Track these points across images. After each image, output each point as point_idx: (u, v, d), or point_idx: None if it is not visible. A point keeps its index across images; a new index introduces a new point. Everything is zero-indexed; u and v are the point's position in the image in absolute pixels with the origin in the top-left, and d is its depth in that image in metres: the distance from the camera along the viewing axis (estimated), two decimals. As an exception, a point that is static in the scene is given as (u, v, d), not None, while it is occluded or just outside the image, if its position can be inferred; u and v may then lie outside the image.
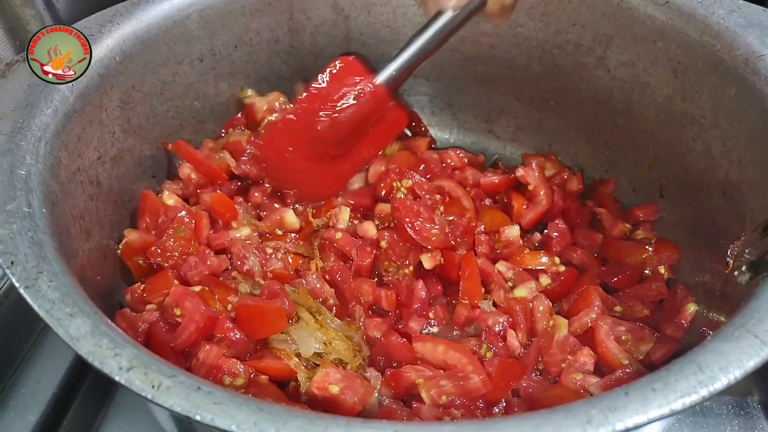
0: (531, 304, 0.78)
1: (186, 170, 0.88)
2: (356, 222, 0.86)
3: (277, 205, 0.89)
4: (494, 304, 0.81)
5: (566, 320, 0.76)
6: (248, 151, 0.90)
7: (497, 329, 0.76)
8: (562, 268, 0.85)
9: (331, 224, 0.86)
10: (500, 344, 0.75)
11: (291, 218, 0.86)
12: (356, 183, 0.94)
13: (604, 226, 0.91)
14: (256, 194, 0.90)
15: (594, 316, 0.75)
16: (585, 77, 0.93)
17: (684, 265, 0.82)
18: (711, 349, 0.46)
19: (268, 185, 0.91)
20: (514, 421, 0.42)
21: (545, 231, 0.90)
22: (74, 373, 0.82)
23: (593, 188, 0.98)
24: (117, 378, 0.45)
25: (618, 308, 0.79)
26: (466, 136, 1.09)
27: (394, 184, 0.88)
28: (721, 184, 0.75)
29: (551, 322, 0.76)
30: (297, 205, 0.90)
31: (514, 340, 0.75)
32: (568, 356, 0.73)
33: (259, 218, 0.88)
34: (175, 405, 0.43)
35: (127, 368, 0.45)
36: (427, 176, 0.92)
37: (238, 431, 0.41)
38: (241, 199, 0.89)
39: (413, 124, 1.07)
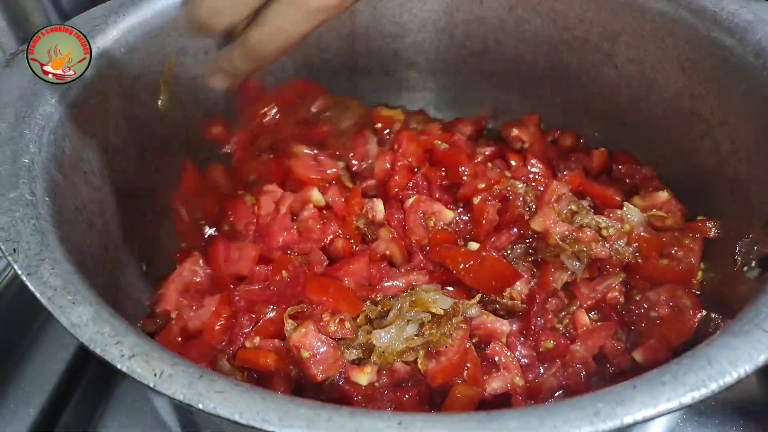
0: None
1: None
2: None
3: None
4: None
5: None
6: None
7: None
8: None
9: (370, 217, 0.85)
10: None
11: (317, 196, 0.85)
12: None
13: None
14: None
15: None
16: (592, 74, 0.93)
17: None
18: (720, 344, 0.45)
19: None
20: (520, 413, 0.42)
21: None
22: (74, 367, 0.80)
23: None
24: (119, 365, 0.44)
25: None
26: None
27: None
28: (729, 182, 0.74)
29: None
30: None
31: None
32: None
33: None
34: (177, 393, 0.42)
35: (129, 356, 0.44)
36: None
37: (241, 420, 0.40)
38: None
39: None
